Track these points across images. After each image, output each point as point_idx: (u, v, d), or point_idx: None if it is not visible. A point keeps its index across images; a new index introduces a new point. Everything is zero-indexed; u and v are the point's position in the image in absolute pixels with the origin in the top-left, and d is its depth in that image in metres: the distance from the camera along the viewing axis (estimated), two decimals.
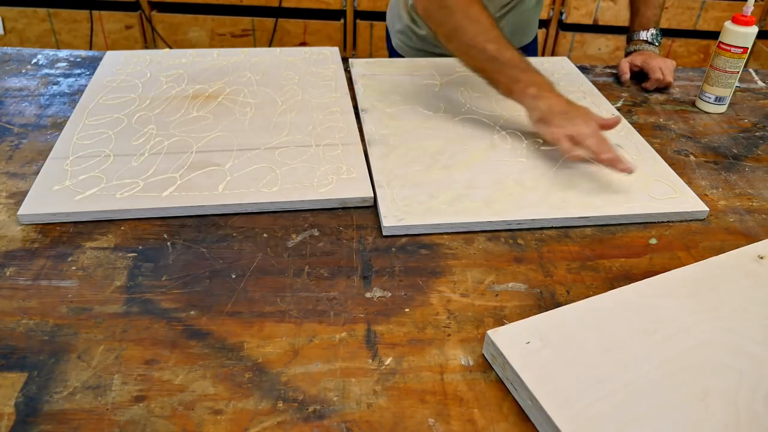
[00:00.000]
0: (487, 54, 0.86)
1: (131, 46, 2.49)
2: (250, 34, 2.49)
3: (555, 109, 0.83)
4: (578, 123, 0.82)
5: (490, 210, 0.76)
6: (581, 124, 0.82)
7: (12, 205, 0.75)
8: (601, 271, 0.70)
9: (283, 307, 0.63)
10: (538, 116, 0.84)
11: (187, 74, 1.04)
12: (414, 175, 0.81)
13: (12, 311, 0.61)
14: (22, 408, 0.52)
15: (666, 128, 1.01)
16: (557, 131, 0.82)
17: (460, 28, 0.87)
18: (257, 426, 0.52)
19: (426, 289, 0.66)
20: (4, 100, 0.97)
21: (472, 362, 0.58)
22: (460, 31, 0.87)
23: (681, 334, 0.58)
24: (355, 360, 0.58)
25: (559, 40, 2.51)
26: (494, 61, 0.86)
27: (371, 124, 0.93)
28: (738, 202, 0.84)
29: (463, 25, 0.87)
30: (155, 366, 0.56)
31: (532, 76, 0.86)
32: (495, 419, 0.53)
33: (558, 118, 0.83)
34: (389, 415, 0.53)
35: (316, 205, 0.77)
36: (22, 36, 2.48)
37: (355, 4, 2.43)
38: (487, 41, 0.86)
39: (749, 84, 1.18)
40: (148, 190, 0.76)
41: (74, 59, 1.10)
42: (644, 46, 1.16)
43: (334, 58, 1.13)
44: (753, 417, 0.51)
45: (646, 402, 0.51)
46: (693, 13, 2.45)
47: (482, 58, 0.87)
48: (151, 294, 0.64)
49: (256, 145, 0.85)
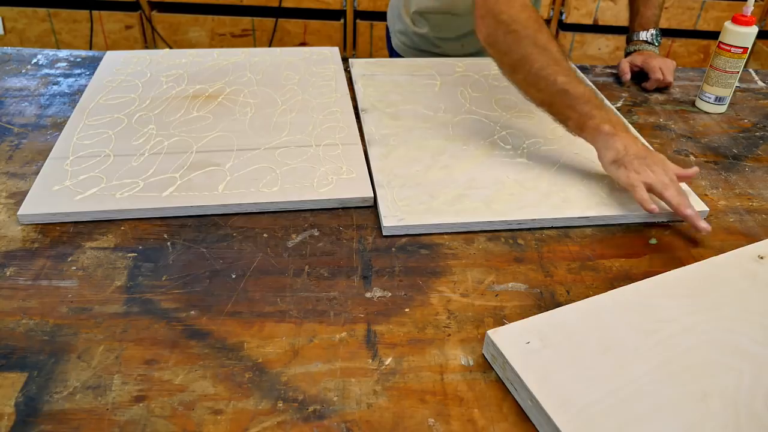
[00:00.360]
0: (558, 87, 0.79)
1: (131, 46, 2.49)
2: (250, 34, 2.49)
3: (631, 152, 0.77)
4: (657, 171, 0.76)
5: (490, 210, 0.76)
6: (660, 172, 0.76)
7: (12, 205, 0.75)
8: (601, 271, 0.70)
9: (283, 307, 0.63)
10: (613, 157, 0.78)
11: (187, 74, 1.04)
12: (414, 175, 0.82)
13: (12, 311, 0.61)
14: (22, 408, 0.52)
15: (666, 128, 1.01)
16: (634, 177, 0.76)
17: (528, 57, 0.80)
18: (257, 426, 0.52)
19: (426, 289, 0.66)
20: (4, 100, 0.97)
21: (472, 362, 0.58)
22: (528, 61, 0.80)
23: (681, 334, 0.58)
24: (355, 360, 0.58)
25: (559, 40, 2.50)
26: (565, 95, 0.79)
27: (371, 124, 0.93)
28: (738, 202, 0.84)
29: (532, 54, 0.80)
30: (155, 366, 0.56)
31: (606, 114, 0.80)
32: (495, 419, 0.53)
33: (636, 162, 0.77)
34: (389, 415, 0.53)
35: (316, 205, 0.77)
36: (22, 36, 2.48)
37: (355, 4, 2.43)
38: (558, 73, 0.79)
39: (749, 84, 1.18)
40: (148, 190, 0.76)
41: (74, 59, 1.10)
42: (644, 46, 1.16)
43: (334, 58, 1.13)
44: (753, 417, 0.51)
45: (646, 402, 0.51)
46: (693, 13, 2.45)
47: (552, 91, 0.80)
48: (151, 294, 0.64)
49: (256, 145, 0.85)
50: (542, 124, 0.95)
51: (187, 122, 0.90)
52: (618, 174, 0.78)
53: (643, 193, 0.75)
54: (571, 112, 0.80)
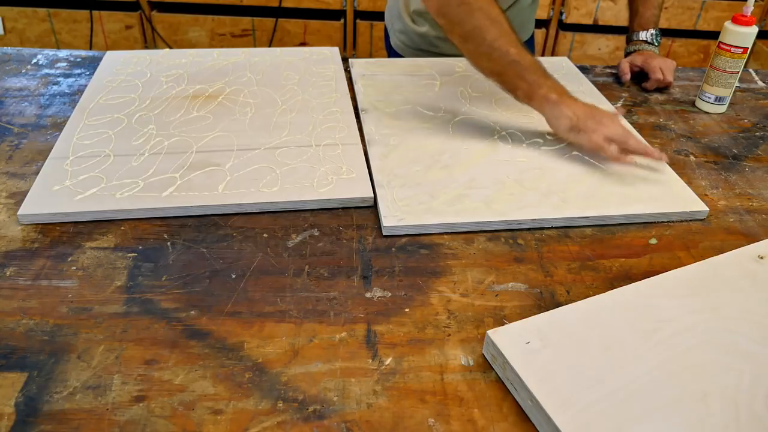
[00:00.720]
0: (510, 57, 0.82)
1: (131, 46, 2.49)
2: (250, 34, 2.49)
3: (582, 115, 0.81)
4: (609, 124, 0.80)
5: (490, 210, 0.76)
6: (611, 124, 0.81)
7: (12, 205, 0.75)
8: (601, 271, 0.70)
9: (283, 307, 0.63)
10: (568, 124, 0.82)
11: (187, 74, 1.04)
12: (414, 175, 0.81)
13: (12, 311, 0.61)
14: (22, 408, 0.52)
15: (666, 128, 1.01)
16: (595, 137, 0.80)
17: (480, 28, 0.83)
18: (257, 426, 0.52)
19: (426, 289, 0.66)
20: (4, 100, 0.97)
21: (472, 362, 0.58)
22: (480, 32, 0.83)
23: (681, 334, 0.58)
24: (355, 360, 0.58)
25: (559, 40, 2.51)
26: (516, 65, 0.82)
27: (371, 124, 0.93)
28: (738, 202, 0.84)
29: (484, 26, 0.82)
30: (155, 366, 0.56)
31: (552, 82, 0.83)
32: (495, 419, 0.53)
33: (590, 122, 0.81)
34: (389, 415, 0.53)
35: (316, 205, 0.77)
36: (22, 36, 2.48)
37: (355, 4, 2.43)
38: (509, 44, 0.82)
39: (749, 84, 1.18)
40: (148, 190, 0.76)
41: (74, 59, 1.10)
42: (644, 46, 1.16)
43: (334, 58, 1.13)
44: (753, 417, 0.51)
45: (646, 402, 0.51)
46: (693, 13, 2.45)
47: (504, 62, 0.83)
48: (151, 294, 0.64)
49: (256, 145, 0.85)
50: (542, 124, 0.95)
51: (187, 122, 0.90)
52: (579, 139, 0.82)
53: (614, 150, 0.80)
54: (521, 81, 0.83)
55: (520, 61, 0.82)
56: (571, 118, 0.81)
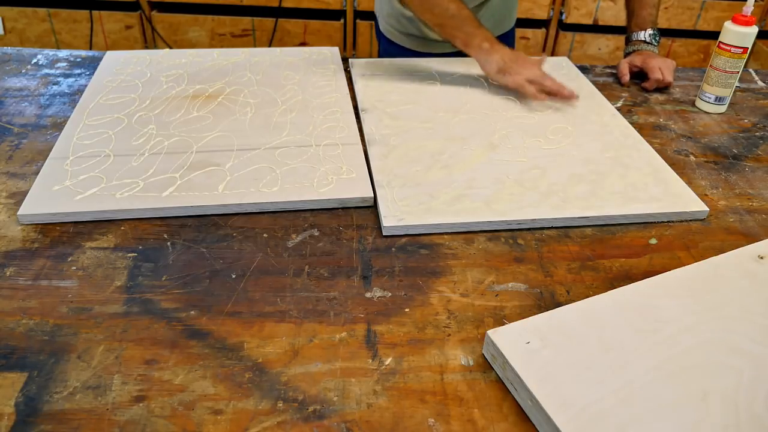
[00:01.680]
0: (450, 12, 0.99)
1: (131, 46, 2.49)
2: (250, 34, 2.49)
3: (508, 59, 0.99)
4: (529, 67, 0.99)
5: (490, 210, 0.76)
6: (531, 68, 0.99)
7: (12, 205, 0.75)
8: (601, 271, 0.70)
9: (283, 307, 0.63)
10: (496, 68, 0.99)
11: (187, 74, 1.04)
12: (414, 175, 0.81)
13: (12, 311, 0.61)
14: (22, 408, 0.52)
15: (666, 128, 1.01)
16: (518, 78, 0.98)
17: None
18: (257, 426, 0.52)
19: (426, 289, 0.66)
20: (4, 100, 0.97)
21: (472, 362, 0.58)
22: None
23: (681, 334, 0.58)
24: (355, 360, 0.58)
25: (559, 40, 2.51)
26: (455, 18, 0.99)
27: (371, 124, 0.93)
28: (738, 202, 0.84)
29: None
30: (155, 366, 0.56)
31: (484, 32, 1.00)
32: (495, 419, 0.53)
33: (514, 66, 0.98)
34: (389, 415, 0.53)
35: (316, 205, 0.77)
36: (22, 36, 2.48)
37: (355, 4, 2.43)
38: (449, 1, 0.98)
39: (749, 84, 1.18)
40: (148, 190, 0.76)
41: (74, 59, 1.10)
42: (643, 46, 1.16)
43: (334, 58, 1.13)
44: (753, 417, 0.51)
45: (646, 402, 0.51)
46: (693, 13, 2.45)
47: (445, 15, 0.99)
48: (151, 294, 0.64)
49: (256, 145, 0.85)
50: (542, 124, 0.95)
51: (187, 122, 0.90)
52: (505, 80, 1.00)
53: (531, 89, 0.98)
54: (458, 32, 1.00)
55: (458, 14, 0.99)
56: (499, 62, 0.99)
